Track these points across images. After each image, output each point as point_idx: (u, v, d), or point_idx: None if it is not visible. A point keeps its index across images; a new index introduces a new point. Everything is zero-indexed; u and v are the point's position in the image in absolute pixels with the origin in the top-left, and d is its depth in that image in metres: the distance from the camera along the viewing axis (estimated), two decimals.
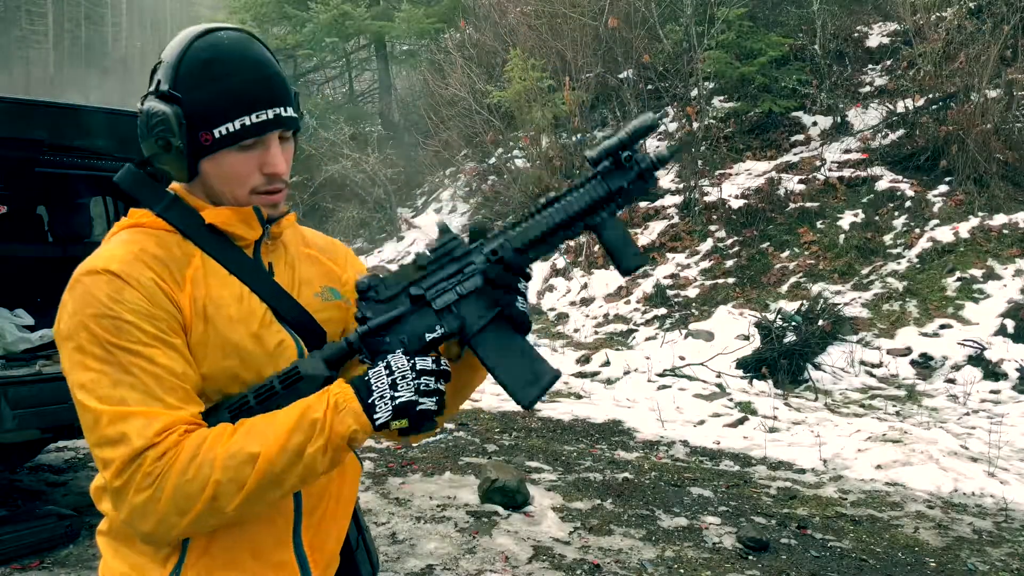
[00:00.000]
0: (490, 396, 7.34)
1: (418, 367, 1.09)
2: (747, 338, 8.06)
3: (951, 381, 6.94)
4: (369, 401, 1.07)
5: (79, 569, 3.75)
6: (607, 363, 8.27)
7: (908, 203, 9.28)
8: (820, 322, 7.68)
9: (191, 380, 1.11)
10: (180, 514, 1.03)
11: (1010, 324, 7.25)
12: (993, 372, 6.87)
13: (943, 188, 9.28)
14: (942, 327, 7.60)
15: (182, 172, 1.18)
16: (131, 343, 1.06)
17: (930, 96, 10.15)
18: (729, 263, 9.72)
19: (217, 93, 1.14)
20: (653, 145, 12.57)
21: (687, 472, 5.21)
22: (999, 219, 8.54)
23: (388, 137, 18.25)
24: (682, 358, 8.00)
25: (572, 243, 11.36)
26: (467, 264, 1.19)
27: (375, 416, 1.06)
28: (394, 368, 1.09)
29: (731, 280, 9.46)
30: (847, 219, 9.44)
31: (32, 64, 48.36)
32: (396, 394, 1.07)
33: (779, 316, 7.89)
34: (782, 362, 7.34)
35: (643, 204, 11.30)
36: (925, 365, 7.28)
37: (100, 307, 1.07)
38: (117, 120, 4.42)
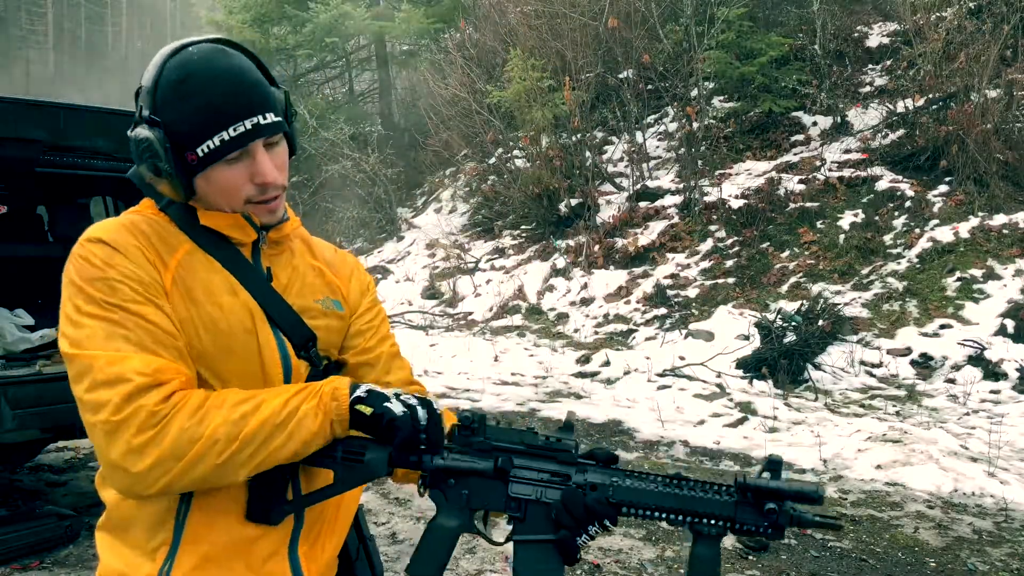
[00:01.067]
0: (490, 396, 7.34)
1: (402, 397, 1.16)
2: (747, 338, 8.06)
3: (951, 381, 6.94)
4: (354, 384, 1.16)
5: (79, 569, 3.75)
6: (607, 363, 8.27)
7: (908, 203, 9.28)
8: (820, 322, 7.68)
9: (181, 340, 1.13)
10: (177, 458, 1.05)
11: (1010, 324, 7.25)
12: (993, 372, 6.87)
13: (943, 188, 9.28)
14: (942, 327, 7.60)
15: (178, 192, 1.20)
16: (124, 301, 1.10)
17: (930, 96, 10.15)
18: (729, 263, 9.72)
19: (192, 112, 1.15)
20: (653, 145, 12.59)
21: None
22: (999, 219, 8.54)
23: (388, 137, 18.25)
24: (682, 358, 8.00)
25: (572, 243, 11.36)
26: (565, 475, 1.16)
27: (355, 390, 1.13)
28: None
29: (731, 280, 9.46)
30: (847, 219, 9.44)
31: (32, 64, 48.33)
32: (378, 388, 1.14)
33: (779, 316, 7.89)
34: (782, 362, 7.34)
35: (643, 204, 11.30)
36: (925, 365, 7.28)
37: (94, 271, 1.11)
38: (117, 120, 4.42)
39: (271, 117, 1.19)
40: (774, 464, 1.13)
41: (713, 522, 1.13)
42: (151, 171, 1.18)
